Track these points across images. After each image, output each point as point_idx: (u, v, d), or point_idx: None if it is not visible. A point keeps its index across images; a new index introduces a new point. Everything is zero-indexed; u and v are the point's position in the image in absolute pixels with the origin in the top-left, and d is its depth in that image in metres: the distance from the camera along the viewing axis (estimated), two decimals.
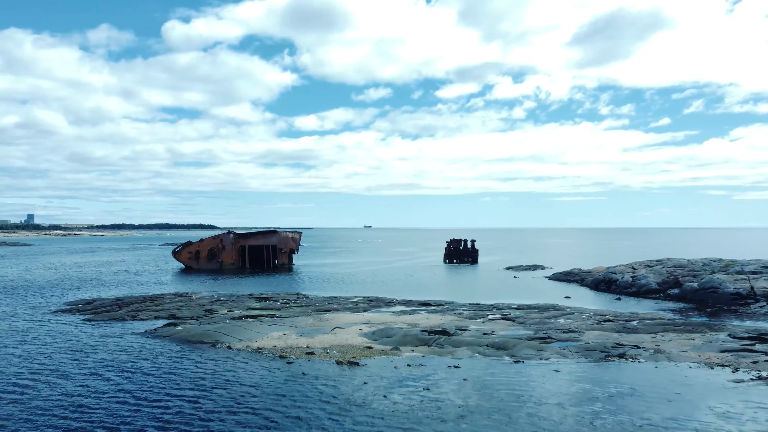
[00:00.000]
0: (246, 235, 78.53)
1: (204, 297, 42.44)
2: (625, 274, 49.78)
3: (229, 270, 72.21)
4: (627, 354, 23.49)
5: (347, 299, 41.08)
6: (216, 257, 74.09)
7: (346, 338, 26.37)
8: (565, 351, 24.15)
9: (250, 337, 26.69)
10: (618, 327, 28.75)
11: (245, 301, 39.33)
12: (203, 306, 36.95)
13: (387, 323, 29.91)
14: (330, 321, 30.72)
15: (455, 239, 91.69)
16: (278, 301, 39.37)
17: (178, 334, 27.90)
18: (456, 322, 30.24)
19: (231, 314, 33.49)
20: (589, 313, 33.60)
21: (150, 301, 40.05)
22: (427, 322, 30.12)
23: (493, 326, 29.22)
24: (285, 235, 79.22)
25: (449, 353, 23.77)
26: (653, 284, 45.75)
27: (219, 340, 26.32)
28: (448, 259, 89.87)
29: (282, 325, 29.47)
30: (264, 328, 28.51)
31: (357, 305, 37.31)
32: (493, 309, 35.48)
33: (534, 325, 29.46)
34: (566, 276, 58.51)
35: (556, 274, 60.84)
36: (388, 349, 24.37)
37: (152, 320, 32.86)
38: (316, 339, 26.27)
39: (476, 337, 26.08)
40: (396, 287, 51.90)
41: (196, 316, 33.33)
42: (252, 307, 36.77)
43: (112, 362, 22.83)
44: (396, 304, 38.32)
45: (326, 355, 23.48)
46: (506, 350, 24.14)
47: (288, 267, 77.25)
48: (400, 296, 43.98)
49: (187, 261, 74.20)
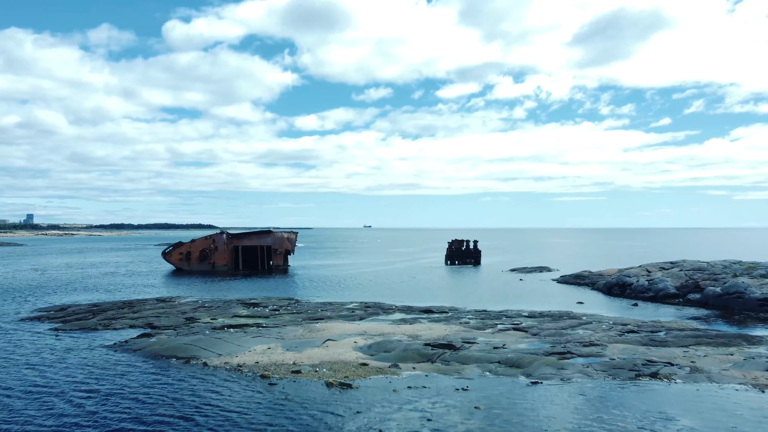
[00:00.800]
0: (239, 236, 75.40)
1: (188, 303, 39.35)
2: (639, 277, 46.69)
3: (221, 272, 69.10)
4: (660, 373, 20.42)
5: (342, 305, 38.01)
6: (208, 258, 70.97)
7: (338, 353, 23.30)
8: (589, 369, 21.07)
9: (231, 352, 23.62)
10: (644, 339, 25.66)
11: (232, 308, 36.25)
12: (185, 313, 33.87)
13: (385, 334, 26.83)
14: (322, 332, 27.63)
15: (457, 240, 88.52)
16: (267, 308, 36.29)
17: (150, 347, 24.82)
18: (462, 333, 27.15)
19: (213, 323, 30.41)
20: (608, 322, 30.52)
21: (129, 307, 36.97)
22: (429, 333, 27.05)
23: (503, 338, 26.15)
24: (280, 236, 76.10)
25: (456, 372, 20.71)
26: (671, 288, 42.66)
27: (194, 354, 23.25)
28: (449, 260, 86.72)
29: (268, 337, 26.38)
30: (247, 341, 25.42)
31: (353, 312, 34.22)
32: (502, 317, 32.40)
33: (550, 336, 26.38)
34: (575, 279, 55.42)
35: (564, 277, 57.75)
36: (386, 367, 21.31)
37: (126, 329, 29.81)
38: (304, 354, 23.20)
39: (486, 352, 23.02)
40: (395, 291, 48.84)
41: (174, 325, 30.25)
42: (238, 314, 33.69)
43: (66, 382, 19.75)
44: (395, 310, 35.22)
45: (315, 374, 20.42)
46: (521, 368, 21.08)
47: (283, 268, 74.13)
48: (399, 301, 40.91)
49: (177, 262, 71.08)
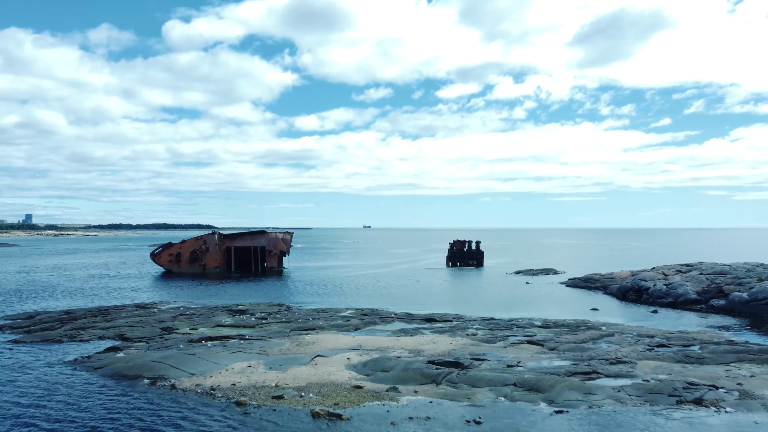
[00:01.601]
0: (232, 236, 72.30)
1: (168, 309, 36.23)
2: (656, 281, 43.60)
3: (212, 274, 65.96)
4: (705, 399, 17.36)
5: (337, 312, 34.90)
6: (199, 260, 67.82)
7: (328, 372, 20.21)
8: (621, 393, 17.98)
9: (205, 370, 20.54)
10: (677, 355, 22.56)
11: (215, 315, 33.15)
12: (162, 322, 30.76)
13: (383, 349, 23.73)
14: (311, 346, 24.52)
15: (459, 240, 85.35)
16: (255, 315, 33.19)
17: (115, 364, 21.74)
18: (470, 348, 24.05)
19: (191, 335, 27.30)
20: (632, 334, 27.42)
21: (103, 314, 33.86)
22: (433, 348, 23.94)
23: (517, 353, 23.05)
24: (274, 236, 72.98)
25: (465, 397, 17.62)
26: (692, 294, 39.56)
27: (163, 374, 20.16)
28: (451, 262, 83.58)
29: (249, 352, 23.27)
30: (225, 357, 22.32)
31: (347, 321, 31.11)
32: (513, 327, 29.29)
33: (570, 351, 23.28)
34: (585, 282, 52.31)
35: (573, 280, 54.64)
36: (384, 390, 18.24)
37: (94, 341, 26.74)
38: (289, 373, 20.11)
39: (499, 371, 19.93)
40: (395, 296, 45.72)
41: (148, 336, 27.16)
42: (221, 323, 30.59)
43: (10, 408, 16.68)
44: (394, 319, 32.11)
45: (299, 400, 17.34)
46: (541, 392, 18.00)
47: (278, 270, 71.00)
48: (399, 308, 37.82)
49: (167, 264, 67.91)
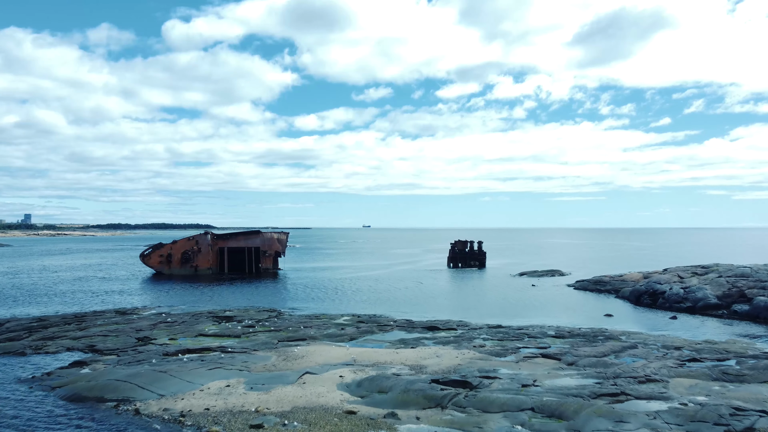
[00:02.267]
0: (226, 236, 69.69)
1: (149, 316, 33.60)
2: (672, 284, 41.01)
3: (204, 276, 63.36)
4: (758, 429, 14.77)
5: (332, 319, 32.30)
6: (190, 261, 65.19)
7: (318, 393, 17.62)
8: (657, 421, 15.38)
9: (177, 391, 17.95)
10: (713, 371, 19.97)
11: (199, 323, 30.54)
12: (140, 331, 28.15)
13: (380, 365, 21.13)
14: (300, 360, 21.90)
15: (460, 240, 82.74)
16: (242, 323, 30.58)
17: (76, 382, 19.15)
18: (478, 362, 21.45)
19: (168, 346, 24.69)
20: (656, 345, 24.82)
21: (78, 322, 31.26)
22: (436, 363, 21.34)
23: (532, 369, 20.46)
24: (270, 236, 70.35)
25: (476, 426, 15.05)
26: (712, 298, 37.00)
27: (128, 396, 17.58)
28: (452, 263, 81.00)
29: (230, 368, 20.66)
30: (201, 374, 19.71)
31: (342, 330, 28.48)
32: (524, 337, 26.69)
33: (591, 367, 20.67)
34: (595, 285, 49.73)
35: (581, 282, 52.06)
36: (381, 417, 15.66)
37: (62, 354, 24.17)
38: (272, 395, 17.52)
39: (513, 393, 17.33)
40: (394, 300, 43.12)
41: (121, 347, 24.56)
42: (204, 332, 27.97)
43: None
44: (393, 327, 29.50)
45: (282, 429, 14.76)
46: (564, 419, 15.41)
47: (273, 272, 68.40)
48: (398, 314, 35.25)
49: (157, 265, 65.26)
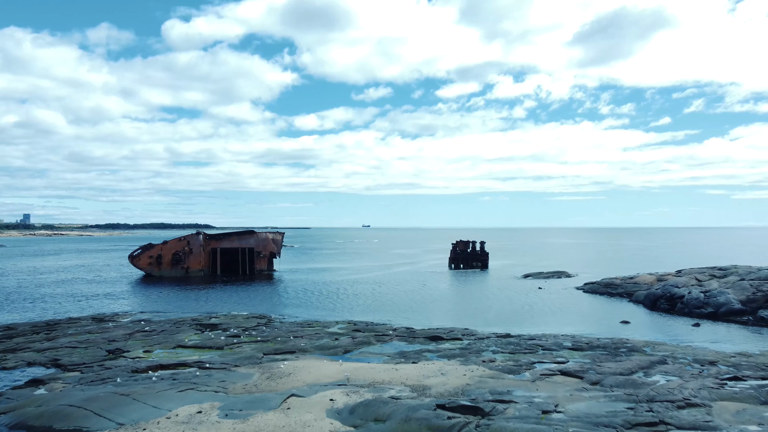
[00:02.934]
0: (219, 237, 67.04)
1: (127, 324, 30.93)
2: (690, 288, 38.39)
3: (196, 278, 60.74)
4: None
5: (325, 327, 29.68)
6: (181, 262, 62.52)
7: (303, 423, 15.00)
8: None
9: (139, 419, 15.33)
10: (761, 394, 17.32)
11: (180, 332, 27.91)
12: (113, 342, 25.51)
13: (377, 385, 18.48)
14: (285, 378, 19.26)
15: (462, 241, 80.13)
16: (227, 331, 27.95)
17: (24, 407, 16.54)
18: (489, 382, 18.82)
19: (140, 361, 22.06)
20: (686, 358, 22.20)
21: (48, 330, 28.62)
22: (442, 383, 18.69)
23: (551, 390, 17.82)
24: (264, 237, 67.70)
25: None
26: (735, 303, 34.40)
27: (81, 426, 14.98)
28: (454, 264, 78.40)
29: (204, 389, 18.01)
30: (170, 397, 17.07)
31: (336, 341, 25.84)
32: (537, 349, 24.05)
33: (619, 387, 18.04)
34: (605, 288, 47.10)
35: (590, 285, 49.43)
36: None
37: (21, 368, 21.61)
38: (250, 424, 14.90)
39: (533, 421, 14.70)
40: (394, 305, 40.49)
41: (88, 362, 21.94)
42: (183, 344, 25.32)
43: None
44: (392, 337, 26.85)
45: None
46: None
47: (267, 273, 65.77)
48: (398, 320, 32.65)
49: (146, 267, 62.56)
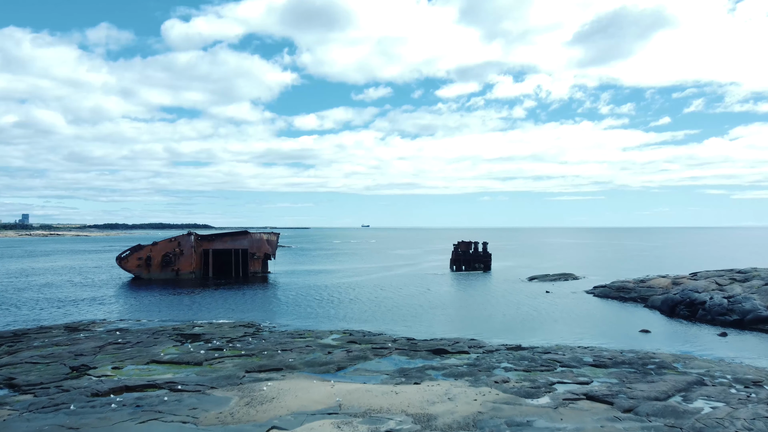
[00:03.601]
0: (211, 237, 64.39)
1: (101, 334, 28.21)
2: (712, 293, 35.78)
3: (187, 281, 58.08)
4: None
5: (318, 338, 27.02)
6: (172, 264, 59.86)
7: None
8: None
9: None
10: None
11: (157, 343, 25.25)
12: (79, 356, 22.84)
13: (374, 413, 15.81)
14: (267, 405, 16.56)
15: (464, 242, 77.51)
16: (210, 343, 25.30)
17: None
18: (504, 408, 16.16)
19: (104, 381, 19.39)
20: (725, 377, 19.51)
21: (12, 342, 25.95)
22: (449, 411, 16.01)
23: (578, 419, 15.18)
24: (258, 237, 65.06)
25: None
26: (763, 310, 31.78)
27: None
28: (455, 265, 75.81)
29: (170, 419, 15.33)
30: (127, 430, 14.42)
31: (329, 355, 23.17)
32: (555, 365, 21.41)
33: (657, 416, 15.38)
34: (617, 292, 44.49)
35: (600, 289, 46.83)
36: None
37: None
38: None
39: None
40: (393, 311, 37.87)
41: (45, 382, 19.28)
42: (158, 358, 22.64)
43: None
44: (392, 351, 24.16)
45: None
46: None
47: (262, 276, 63.12)
48: (398, 329, 30.04)
49: (135, 269, 59.86)
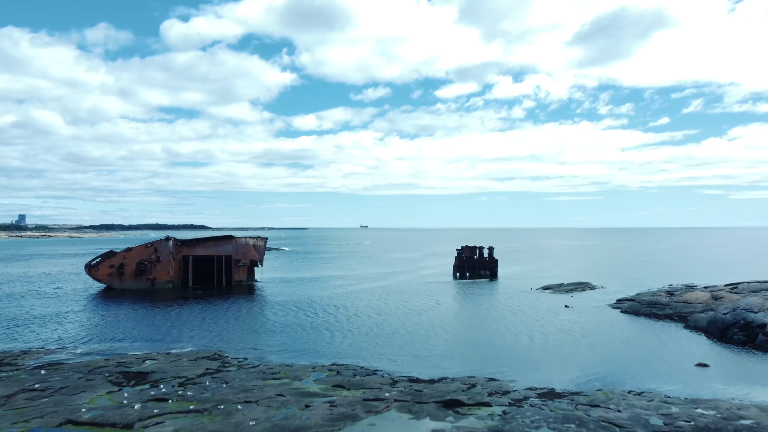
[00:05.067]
0: (192, 243, 58.66)
1: (28, 368, 22.51)
2: None
3: (163, 291, 52.47)
4: None
5: (297, 379, 21.37)
6: (147, 273, 54.23)
7: None
8: None
9: None
10: None
11: (88, 387, 19.60)
12: None
13: None
14: None
15: (468, 246, 72.05)
16: (157, 387, 19.66)
17: None
18: None
19: None
20: None
21: None
22: None
23: None
24: (244, 242, 59.39)
25: None
26: None
27: None
28: (459, 272, 70.41)
29: None
30: None
31: (306, 409, 17.49)
32: (612, 428, 15.80)
33: None
34: (649, 308, 38.93)
35: (628, 303, 41.26)
36: None
37: None
38: None
39: None
40: (391, 336, 32.26)
41: None
42: (76, 416, 16.90)
43: None
44: (389, 403, 18.44)
45: None
46: None
47: (247, 285, 57.47)
48: (397, 362, 24.49)
49: (106, 278, 54.12)
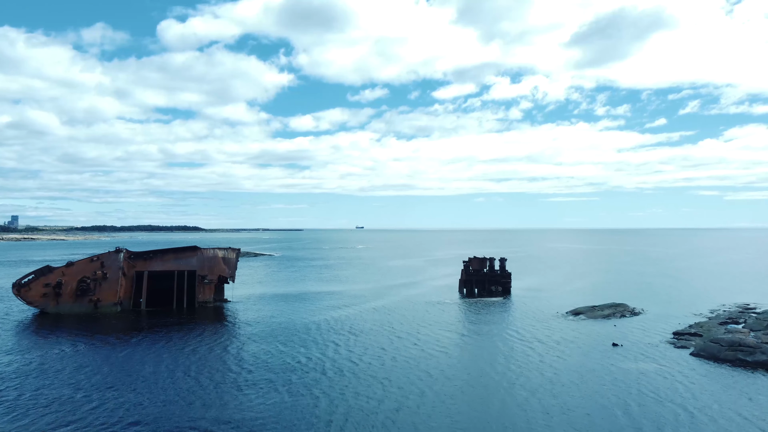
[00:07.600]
0: (148, 255, 48.74)
1: None
2: None
3: (108, 316, 42.62)
4: None
5: None
6: (89, 293, 44.36)
7: None
8: None
9: None
10: None
11: None
12: None
13: None
14: None
15: (476, 258, 62.29)
16: None
17: None
18: None
19: None
20: None
21: None
22: None
23: None
24: (212, 255, 49.44)
25: None
26: None
27: None
28: (466, 288, 60.80)
29: None
30: None
31: None
32: None
33: None
34: (732, 351, 29.15)
35: (699, 343, 31.57)
36: None
37: None
38: None
39: None
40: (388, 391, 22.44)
41: None
42: None
43: None
44: None
45: None
46: None
47: (213, 307, 47.60)
48: None
49: (40, 300, 44.13)
